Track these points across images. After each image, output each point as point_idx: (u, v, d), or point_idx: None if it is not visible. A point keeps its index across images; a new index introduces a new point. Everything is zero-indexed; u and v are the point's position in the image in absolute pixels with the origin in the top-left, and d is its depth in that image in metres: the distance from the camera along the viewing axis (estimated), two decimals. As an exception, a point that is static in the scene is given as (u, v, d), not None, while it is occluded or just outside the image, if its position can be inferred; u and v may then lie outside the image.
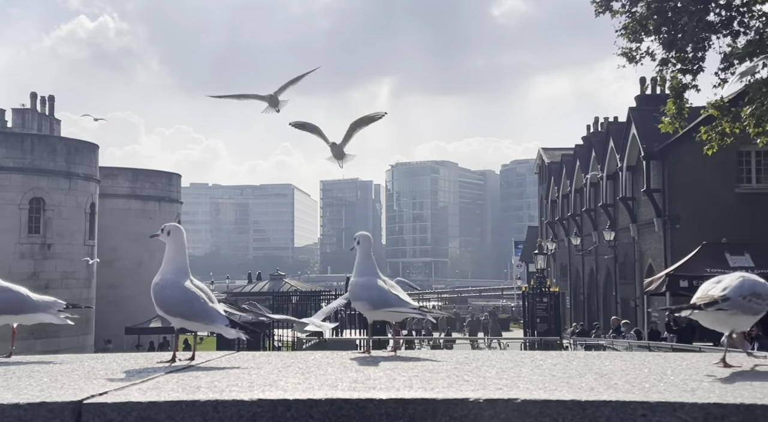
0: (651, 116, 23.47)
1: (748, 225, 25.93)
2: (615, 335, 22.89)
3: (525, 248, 59.51)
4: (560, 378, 2.08)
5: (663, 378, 2.07)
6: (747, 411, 1.61)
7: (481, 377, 2.15)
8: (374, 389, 1.99)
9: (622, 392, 1.81)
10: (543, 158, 53.20)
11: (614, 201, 35.41)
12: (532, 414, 1.71)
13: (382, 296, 3.00)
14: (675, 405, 1.65)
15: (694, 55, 16.19)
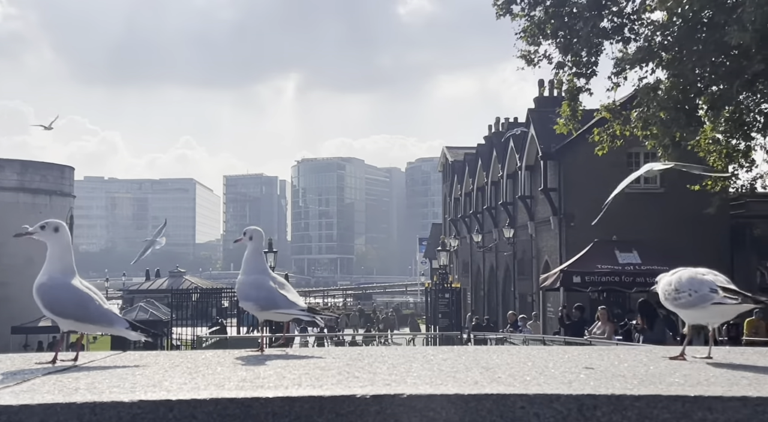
0: (548, 118, 24.31)
1: (636, 224, 27.26)
2: (512, 329, 23.57)
3: (429, 244, 60.41)
4: (448, 373, 2.11)
5: (544, 371, 2.14)
6: (617, 401, 1.69)
7: (371, 373, 2.16)
8: (262, 387, 1.97)
9: (504, 385, 1.86)
10: (447, 156, 54.18)
11: (514, 199, 36.44)
12: (417, 408, 1.74)
13: (270, 297, 2.93)
14: (552, 397, 1.71)
15: (588, 59, 16.79)
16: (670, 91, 15.53)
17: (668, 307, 2.63)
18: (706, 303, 2.57)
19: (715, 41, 14.22)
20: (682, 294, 2.59)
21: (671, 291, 2.60)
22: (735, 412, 1.66)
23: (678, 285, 2.63)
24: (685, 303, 2.59)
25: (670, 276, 2.73)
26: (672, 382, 1.94)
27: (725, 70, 14.72)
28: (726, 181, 18.39)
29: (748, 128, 17.15)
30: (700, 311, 2.59)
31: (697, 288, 2.58)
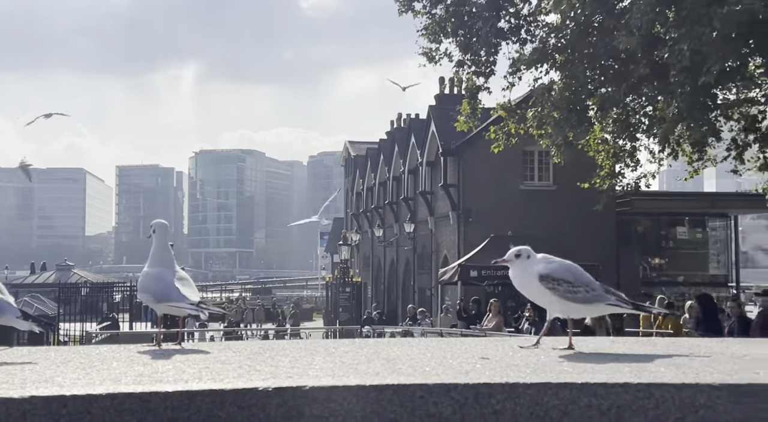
0: (449, 115, 24.76)
1: (531, 220, 28.23)
2: (411, 322, 23.94)
3: (330, 239, 60.45)
4: (350, 365, 2.14)
5: (443, 361, 2.21)
6: (511, 389, 1.77)
7: (273, 366, 2.16)
8: (160, 382, 1.93)
9: (405, 376, 1.90)
10: (349, 150, 54.31)
11: (414, 195, 36.95)
12: (319, 400, 1.76)
13: (166, 290, 2.88)
14: (449, 386, 1.76)
15: (487, 59, 17.14)
16: (563, 92, 16.09)
17: (545, 294, 2.62)
18: (601, 303, 2.65)
19: (604, 45, 14.85)
20: (579, 289, 2.61)
21: (562, 282, 2.61)
22: (618, 397, 1.77)
23: (573, 279, 2.63)
24: (580, 298, 2.61)
25: (552, 265, 2.69)
26: (562, 370, 2.04)
27: (614, 74, 15.40)
28: (613, 179, 19.27)
29: (634, 129, 17.99)
30: (587, 307, 2.66)
31: (594, 287, 2.65)
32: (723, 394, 1.76)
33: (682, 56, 12.33)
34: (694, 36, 12.09)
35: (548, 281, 2.60)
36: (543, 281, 2.61)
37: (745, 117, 18.25)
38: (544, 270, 2.64)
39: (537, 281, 2.63)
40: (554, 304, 2.65)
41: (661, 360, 2.25)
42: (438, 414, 1.75)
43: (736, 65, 13.27)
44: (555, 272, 2.64)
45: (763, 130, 18.27)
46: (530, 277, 2.67)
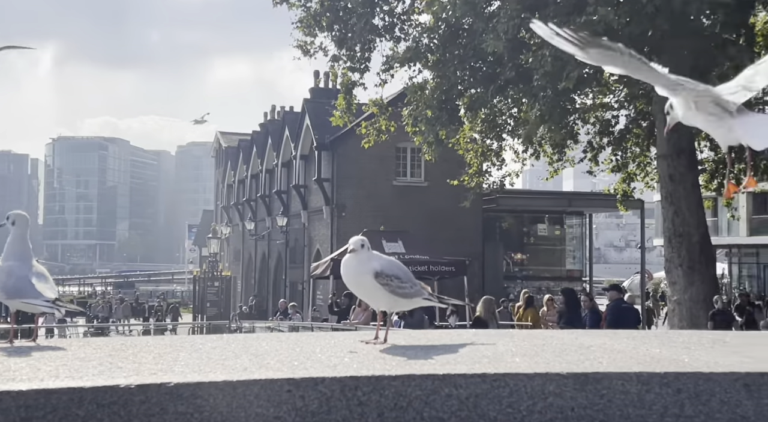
0: (324, 109, 24.77)
1: (403, 215, 28.80)
2: (282, 317, 23.78)
3: (199, 231, 58.90)
4: (217, 361, 2.12)
5: (311, 356, 2.23)
6: (376, 381, 1.82)
7: (136, 363, 2.10)
8: (13, 380, 1.84)
9: (272, 370, 1.91)
10: (221, 141, 53.11)
11: (288, 188, 36.70)
12: (184, 396, 1.73)
13: (17, 285, 2.73)
14: (317, 380, 1.79)
15: (362, 55, 17.27)
16: (434, 91, 16.49)
17: (377, 289, 2.63)
18: (419, 297, 2.75)
19: (473, 47, 15.34)
20: (406, 285, 2.69)
21: (394, 278, 2.65)
22: (476, 387, 1.86)
23: (402, 276, 2.70)
24: (406, 293, 2.69)
25: (383, 261, 2.74)
26: (426, 362, 2.11)
27: (482, 75, 15.92)
28: (480, 177, 19.98)
29: (500, 129, 18.73)
30: (409, 302, 2.74)
31: (415, 282, 2.73)
32: (569, 382, 1.89)
33: (544, 61, 12.92)
34: (556, 42, 12.70)
35: (383, 278, 2.65)
36: (378, 277, 2.65)
37: (600, 121, 19.46)
38: (380, 267, 2.68)
39: (371, 278, 2.66)
40: (383, 299, 2.71)
41: (514, 350, 2.38)
42: (305, 408, 1.77)
43: (592, 72, 14.04)
44: (388, 268, 2.70)
45: (615, 134, 19.55)
46: (365, 272, 2.69)
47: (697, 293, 15.34)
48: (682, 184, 15.61)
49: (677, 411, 1.92)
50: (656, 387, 1.92)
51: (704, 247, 15.52)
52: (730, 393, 1.94)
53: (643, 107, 18.24)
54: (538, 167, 34.57)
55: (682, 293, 15.50)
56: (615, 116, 19.72)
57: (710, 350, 2.44)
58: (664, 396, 1.92)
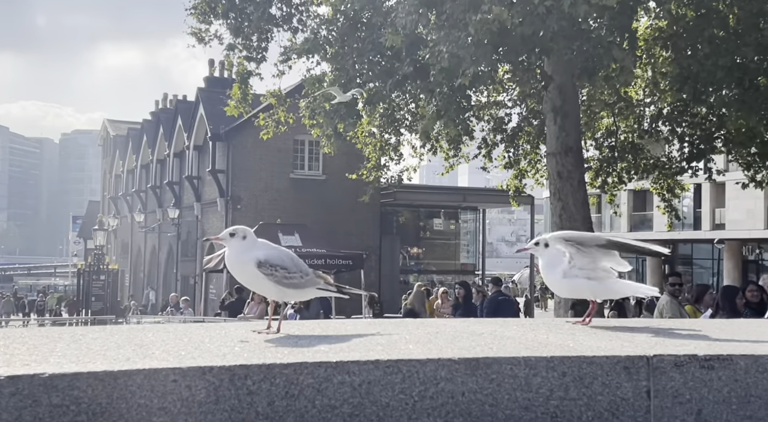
0: (219, 98, 24.24)
1: (300, 208, 28.62)
2: (174, 310, 23.17)
3: (84, 223, 56.34)
4: (97, 351, 2.02)
5: (200, 346, 2.16)
6: (267, 369, 1.78)
7: (8, 354, 1.97)
8: None
9: (157, 360, 1.84)
10: (109, 130, 51.05)
11: (180, 179, 35.72)
12: (60, 387, 1.64)
13: None
14: (204, 369, 1.73)
15: (259, 44, 17.00)
16: (333, 84, 16.45)
17: (261, 279, 2.59)
18: (312, 287, 2.72)
19: (372, 41, 15.40)
20: (295, 275, 2.64)
21: (279, 268, 2.60)
22: (369, 374, 1.85)
23: (290, 266, 2.65)
24: (295, 284, 2.65)
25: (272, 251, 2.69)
26: (319, 350, 2.09)
27: (380, 69, 16.00)
28: (378, 172, 20.11)
29: (399, 124, 18.93)
30: (300, 292, 2.70)
31: (307, 272, 2.69)
32: (461, 367, 1.91)
33: (441, 58, 13.11)
34: (452, 39, 12.92)
35: (266, 268, 2.60)
36: (261, 267, 2.61)
37: (494, 119, 20.01)
38: (263, 256, 2.63)
39: (254, 267, 2.61)
40: (269, 289, 2.67)
41: (408, 337, 2.40)
42: (191, 398, 1.71)
43: (488, 70, 14.36)
44: (273, 258, 2.65)
45: (508, 131, 20.15)
46: (247, 261, 2.64)
47: (582, 286, 16.07)
48: (570, 181, 16.28)
49: (562, 394, 1.98)
50: (543, 370, 1.97)
51: (588, 242, 16.25)
52: (611, 375, 2.02)
53: (534, 105, 18.88)
54: (434, 163, 35.17)
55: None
56: (508, 114, 20.32)
57: (593, 335, 2.54)
58: (549, 379, 1.97)
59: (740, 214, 36.66)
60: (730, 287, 10.08)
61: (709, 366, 2.05)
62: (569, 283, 2.94)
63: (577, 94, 17.16)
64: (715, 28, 14.82)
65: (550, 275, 2.98)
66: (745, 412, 2.04)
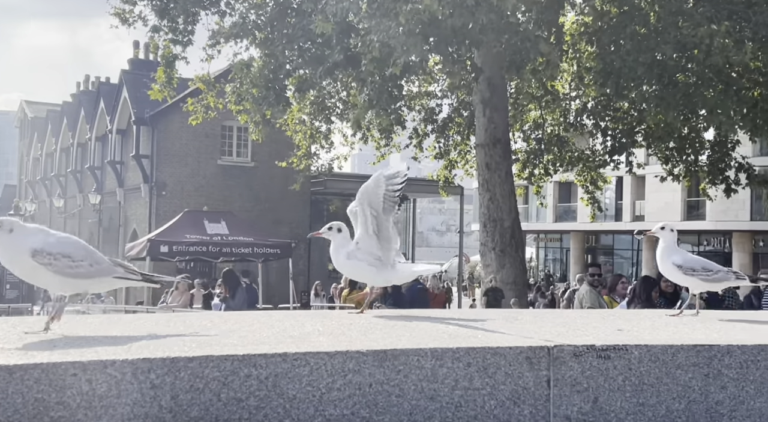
0: (143, 81, 23.60)
1: (227, 195, 28.22)
2: (94, 299, 22.53)
3: (0, 208, 54.18)
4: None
5: (104, 339, 2.12)
6: (171, 363, 1.77)
7: None
8: None
9: (58, 353, 1.80)
10: (26, 111, 49.08)
11: (102, 164, 34.68)
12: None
13: None
14: (106, 363, 1.71)
15: (185, 27, 16.61)
16: (262, 70, 16.22)
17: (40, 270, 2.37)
18: (108, 276, 2.51)
19: (302, 27, 15.24)
20: (82, 263, 2.45)
21: (59, 257, 2.38)
22: (276, 366, 1.86)
23: (73, 253, 2.45)
24: (82, 273, 2.45)
25: (49, 238, 2.48)
26: (227, 343, 2.08)
27: (311, 56, 15.85)
28: (309, 160, 19.99)
29: (330, 112, 18.84)
30: (91, 282, 2.51)
31: (99, 260, 2.51)
32: (369, 359, 1.95)
33: (372, 47, 13.11)
34: (383, 29, 12.92)
35: (43, 257, 2.38)
36: (36, 256, 2.38)
37: (425, 109, 20.16)
38: (39, 245, 2.41)
39: (29, 257, 2.39)
40: (49, 281, 2.44)
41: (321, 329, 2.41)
42: (92, 392, 1.68)
43: (418, 60, 14.42)
44: (51, 246, 2.42)
45: (439, 122, 20.35)
46: (21, 253, 2.41)
47: (507, 275, 16.40)
48: (497, 172, 16.57)
49: (467, 384, 2.04)
50: (449, 361, 2.02)
51: (515, 232, 16.60)
52: (514, 366, 2.09)
53: (464, 97, 19.11)
54: (366, 151, 35.21)
55: (494, 275, 16.50)
56: (439, 104, 20.50)
57: (502, 327, 2.61)
58: (455, 369, 2.03)
59: (659, 206, 38.09)
60: (647, 278, 10.50)
61: (605, 356, 2.14)
62: (352, 265, 3.10)
63: (506, 86, 17.44)
64: (637, 25, 15.25)
65: (336, 257, 3.14)
66: (638, 399, 2.14)
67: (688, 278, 3.37)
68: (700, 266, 3.39)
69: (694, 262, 3.41)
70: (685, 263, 3.38)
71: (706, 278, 3.35)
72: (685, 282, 3.45)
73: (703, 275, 3.34)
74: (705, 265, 3.42)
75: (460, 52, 15.05)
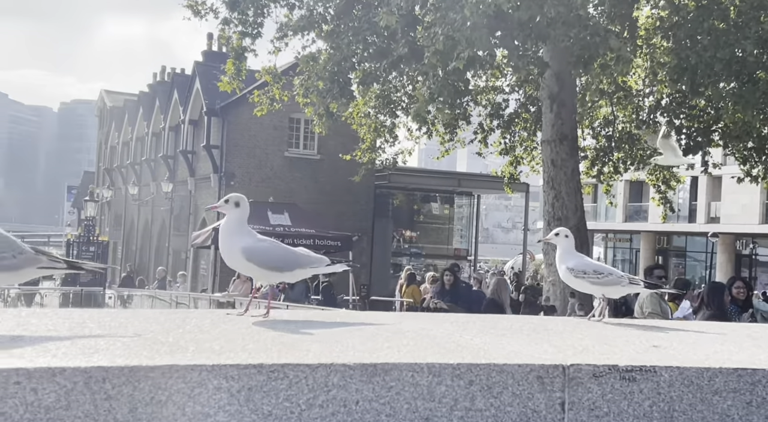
0: (214, 73, 23.95)
1: (293, 187, 28.45)
2: (159, 286, 23.07)
3: (79, 193, 56.20)
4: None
5: (76, 341, 2.00)
6: (130, 372, 1.62)
7: None
8: None
9: (6, 357, 1.67)
10: (105, 100, 50.71)
11: (175, 153, 35.48)
12: None
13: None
14: (56, 370, 1.58)
15: (255, 20, 16.74)
16: (327, 63, 16.20)
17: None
18: (32, 267, 2.39)
19: (368, 20, 15.14)
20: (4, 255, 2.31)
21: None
22: (250, 379, 1.69)
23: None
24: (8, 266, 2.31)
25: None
26: (197, 351, 1.92)
27: (376, 50, 15.76)
28: (373, 153, 19.90)
29: (395, 106, 18.69)
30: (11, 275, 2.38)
31: (21, 250, 2.36)
32: (356, 373, 1.76)
33: (436, 40, 12.90)
34: (448, 21, 12.70)
35: None
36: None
37: (492, 104, 19.78)
38: None
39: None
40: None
41: (315, 336, 2.24)
42: (37, 403, 1.55)
43: (485, 54, 14.14)
44: None
45: (505, 117, 19.94)
46: None
47: (571, 275, 15.96)
48: (563, 169, 16.13)
49: (468, 404, 1.83)
50: (447, 378, 1.82)
51: (580, 231, 16.11)
52: (523, 385, 1.87)
53: (532, 92, 18.66)
54: (432, 146, 34.94)
55: (556, 275, 16.08)
56: (506, 99, 20.09)
57: (522, 338, 2.39)
58: (455, 388, 1.82)
59: (735, 208, 36.49)
60: (716, 285, 9.93)
61: (630, 378, 1.90)
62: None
63: (574, 82, 16.95)
64: (716, 19, 14.57)
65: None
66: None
67: (579, 281, 3.35)
68: (591, 269, 3.37)
69: (585, 265, 3.41)
70: (576, 267, 3.37)
71: (595, 281, 3.31)
72: (577, 285, 3.43)
73: (593, 277, 3.31)
74: (597, 268, 3.40)
75: (527, 46, 14.66)
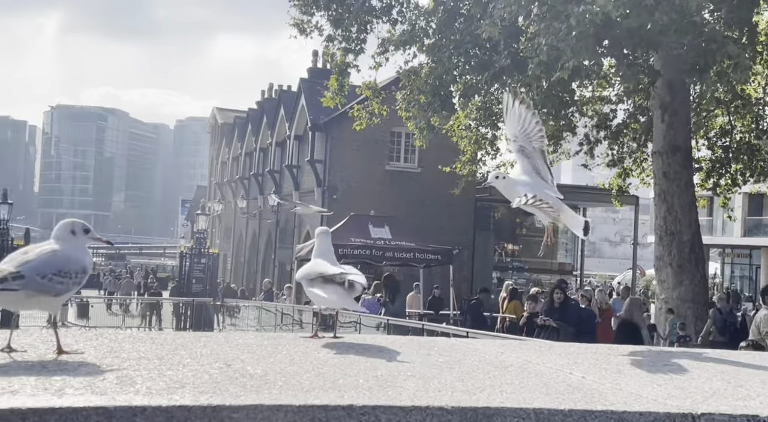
0: (318, 89, 24.38)
1: (393, 200, 28.50)
2: (265, 298, 23.57)
3: (192, 207, 58.62)
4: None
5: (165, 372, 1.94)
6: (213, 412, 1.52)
7: None
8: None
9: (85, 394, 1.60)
10: (217, 117, 52.71)
11: (281, 168, 36.35)
12: None
13: None
14: (135, 410, 1.48)
15: (358, 36, 16.93)
16: (428, 76, 16.17)
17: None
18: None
19: (470, 33, 14.99)
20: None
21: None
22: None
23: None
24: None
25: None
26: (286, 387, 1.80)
27: (477, 62, 15.58)
28: (473, 165, 19.65)
29: (496, 118, 18.40)
30: None
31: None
32: (454, 418, 1.60)
33: (539, 50, 12.60)
34: (552, 31, 12.37)
35: None
36: None
37: (598, 114, 19.14)
38: None
39: None
40: None
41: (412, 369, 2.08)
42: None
43: (591, 64, 13.72)
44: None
45: (613, 128, 19.24)
46: None
47: (685, 292, 15.13)
48: (676, 182, 15.37)
49: (581, 458, 1.63)
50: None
51: (695, 246, 15.29)
52: (644, 439, 1.65)
53: (641, 101, 17.94)
54: (535, 158, 34.14)
55: (670, 292, 15.29)
56: (613, 109, 19.43)
57: (642, 377, 2.15)
58: (566, 439, 1.63)
59: None
60: None
61: (772, 434, 1.65)
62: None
63: (688, 90, 16.14)
64: None
65: None
66: None
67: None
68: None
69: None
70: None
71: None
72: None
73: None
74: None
75: (636, 54, 14.09)
